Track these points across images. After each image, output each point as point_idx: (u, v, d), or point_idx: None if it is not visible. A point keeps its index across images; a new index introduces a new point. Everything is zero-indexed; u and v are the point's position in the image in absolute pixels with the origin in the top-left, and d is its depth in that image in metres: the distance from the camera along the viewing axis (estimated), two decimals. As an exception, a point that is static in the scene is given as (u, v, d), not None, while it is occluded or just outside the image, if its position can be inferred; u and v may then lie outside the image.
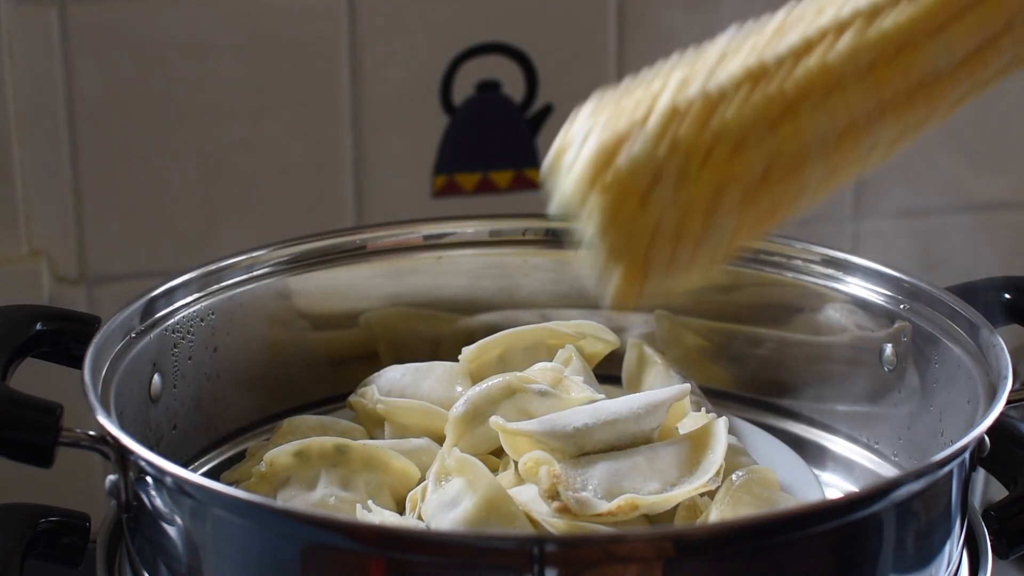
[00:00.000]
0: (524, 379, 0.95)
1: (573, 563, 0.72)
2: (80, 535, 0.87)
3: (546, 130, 1.25)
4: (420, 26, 1.20)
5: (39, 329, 0.94)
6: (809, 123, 0.72)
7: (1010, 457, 0.89)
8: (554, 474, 0.86)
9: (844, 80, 0.72)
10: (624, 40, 1.24)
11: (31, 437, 0.84)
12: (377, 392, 1.00)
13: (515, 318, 1.07)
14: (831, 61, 0.73)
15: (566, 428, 0.89)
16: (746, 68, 0.73)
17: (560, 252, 1.08)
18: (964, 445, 0.80)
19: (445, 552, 0.74)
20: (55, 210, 1.17)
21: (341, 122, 1.21)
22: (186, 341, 0.98)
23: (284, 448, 0.93)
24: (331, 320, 1.06)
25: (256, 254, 1.03)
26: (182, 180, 1.19)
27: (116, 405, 0.87)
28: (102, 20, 1.15)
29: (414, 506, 0.90)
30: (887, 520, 0.77)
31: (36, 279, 1.17)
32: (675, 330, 1.07)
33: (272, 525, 0.77)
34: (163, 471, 0.79)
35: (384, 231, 1.07)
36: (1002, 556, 0.87)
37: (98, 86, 1.16)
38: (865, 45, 0.73)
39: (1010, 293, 0.97)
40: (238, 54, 1.18)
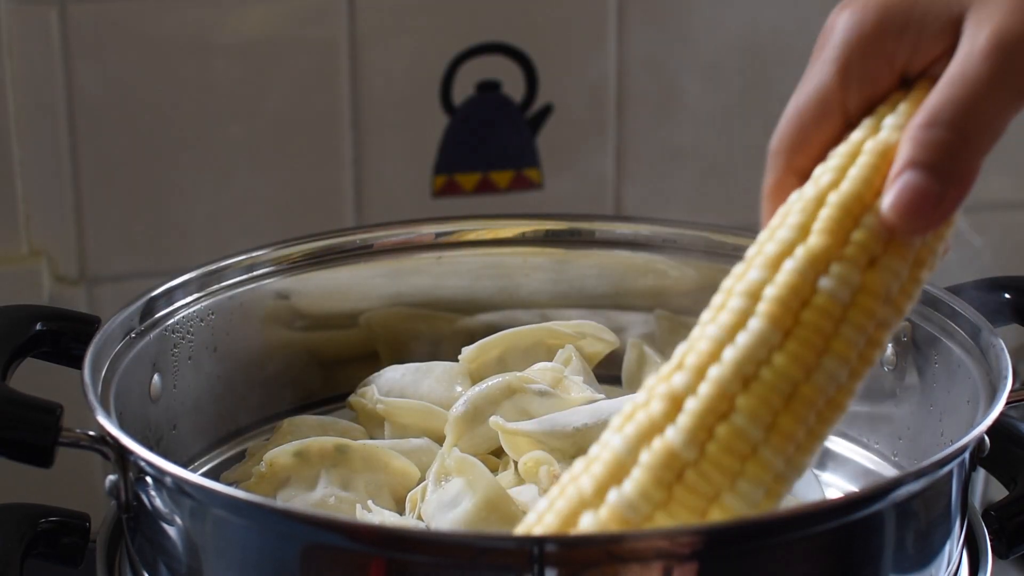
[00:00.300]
0: (524, 379, 0.95)
1: (573, 563, 0.72)
2: (80, 535, 0.87)
3: (546, 130, 1.25)
4: (420, 26, 1.20)
5: (39, 329, 0.94)
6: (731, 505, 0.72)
7: (1010, 457, 0.89)
8: (554, 474, 0.86)
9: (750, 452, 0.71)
10: (624, 41, 1.24)
11: (31, 437, 0.84)
12: (377, 392, 1.00)
13: (515, 318, 1.07)
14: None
15: (566, 428, 0.89)
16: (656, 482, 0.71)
17: (560, 252, 1.08)
18: (964, 445, 0.80)
19: (445, 552, 0.74)
20: (55, 210, 1.17)
21: (341, 122, 1.21)
22: (186, 341, 0.98)
23: (284, 448, 0.93)
24: (331, 320, 1.06)
25: (256, 254, 1.03)
26: (182, 180, 1.19)
27: (116, 405, 0.87)
28: (102, 20, 1.15)
29: (414, 506, 0.90)
30: (887, 520, 0.77)
31: (36, 279, 1.17)
32: (675, 330, 1.07)
33: (272, 525, 0.77)
34: (163, 471, 0.79)
35: (384, 231, 1.07)
36: (1002, 556, 0.87)
37: (98, 86, 1.16)
38: (760, 408, 0.70)
39: (1010, 293, 0.97)
40: (238, 54, 1.18)
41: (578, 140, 1.26)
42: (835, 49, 0.76)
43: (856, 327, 0.71)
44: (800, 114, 0.77)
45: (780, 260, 0.71)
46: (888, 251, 0.72)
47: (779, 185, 0.78)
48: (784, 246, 0.72)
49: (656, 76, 1.26)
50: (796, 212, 0.73)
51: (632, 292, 1.07)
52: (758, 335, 0.70)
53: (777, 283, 0.71)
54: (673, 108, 1.27)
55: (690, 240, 1.06)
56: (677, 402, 0.71)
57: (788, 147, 0.78)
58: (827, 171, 0.74)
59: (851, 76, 0.76)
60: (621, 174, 1.27)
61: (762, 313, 0.70)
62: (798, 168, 0.77)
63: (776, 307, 0.70)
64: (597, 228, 1.08)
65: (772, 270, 0.71)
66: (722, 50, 1.27)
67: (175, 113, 1.18)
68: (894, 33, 0.75)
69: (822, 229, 0.71)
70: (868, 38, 0.75)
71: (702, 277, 1.06)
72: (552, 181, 1.26)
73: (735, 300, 0.72)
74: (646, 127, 1.27)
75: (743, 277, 0.73)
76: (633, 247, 1.07)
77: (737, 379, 0.70)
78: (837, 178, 0.74)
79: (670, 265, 1.07)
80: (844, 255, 0.71)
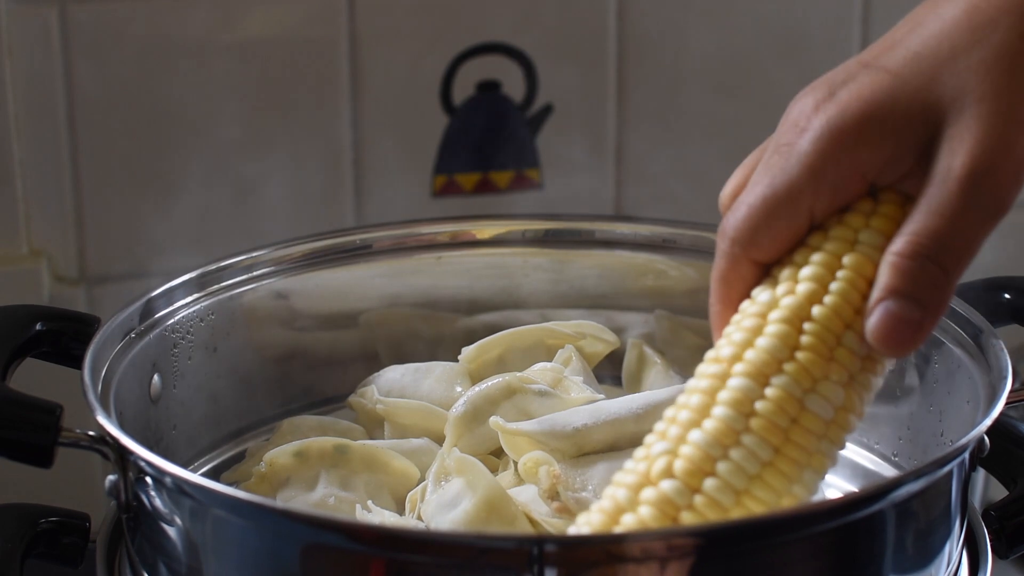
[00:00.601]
0: (524, 379, 0.95)
1: (573, 563, 0.72)
2: (80, 535, 0.87)
3: (546, 130, 1.25)
4: (420, 26, 1.20)
5: (39, 329, 0.94)
6: None
7: (1010, 457, 0.89)
8: (554, 474, 0.86)
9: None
10: (624, 40, 1.24)
11: (31, 437, 0.84)
12: (377, 392, 1.00)
13: (515, 318, 1.07)
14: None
15: (566, 428, 0.89)
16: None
17: (560, 252, 1.08)
18: (964, 445, 0.80)
19: (445, 552, 0.74)
20: (55, 210, 1.17)
21: (341, 122, 1.21)
22: (186, 341, 0.98)
23: (284, 448, 0.93)
24: (331, 320, 1.06)
25: (256, 254, 1.03)
26: (182, 180, 1.19)
27: (116, 405, 0.87)
28: (102, 20, 1.15)
29: (414, 506, 0.90)
30: (887, 520, 0.77)
31: (36, 279, 1.17)
32: (675, 330, 1.07)
33: (272, 525, 0.77)
34: (163, 471, 0.79)
35: (384, 231, 1.07)
36: (1002, 556, 0.87)
37: (98, 86, 1.16)
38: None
39: (1010, 293, 0.97)
40: (238, 54, 1.18)
41: (578, 140, 1.26)
42: (809, 152, 0.75)
43: (832, 441, 0.75)
44: (766, 208, 0.76)
45: (767, 373, 0.74)
46: (864, 369, 0.75)
47: (734, 272, 0.78)
48: (770, 356, 0.74)
49: (656, 76, 1.26)
50: (777, 321, 0.75)
51: (632, 292, 1.07)
52: (750, 454, 0.73)
53: (769, 398, 0.74)
54: (673, 108, 1.27)
55: (690, 240, 1.06)
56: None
57: (749, 239, 0.77)
58: (805, 280, 0.76)
59: (823, 182, 0.76)
60: (621, 174, 1.27)
61: (755, 429, 0.74)
62: (755, 259, 0.78)
63: (767, 423, 0.73)
64: (597, 228, 1.08)
65: (761, 383, 0.74)
66: (722, 50, 1.27)
67: (175, 113, 1.18)
68: (871, 145, 0.75)
69: (810, 346, 0.74)
70: (844, 146, 0.75)
71: (702, 277, 1.06)
72: (552, 181, 1.26)
73: (722, 409, 0.74)
74: (646, 127, 1.27)
75: (726, 380, 0.75)
76: (633, 247, 1.07)
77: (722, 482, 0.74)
78: (817, 291, 0.75)
79: (670, 265, 1.07)
80: (830, 375, 0.74)
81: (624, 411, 0.90)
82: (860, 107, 0.75)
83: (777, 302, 0.76)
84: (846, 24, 1.28)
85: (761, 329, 0.76)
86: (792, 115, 0.77)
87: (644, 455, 0.75)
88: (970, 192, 0.73)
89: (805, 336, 0.75)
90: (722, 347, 0.77)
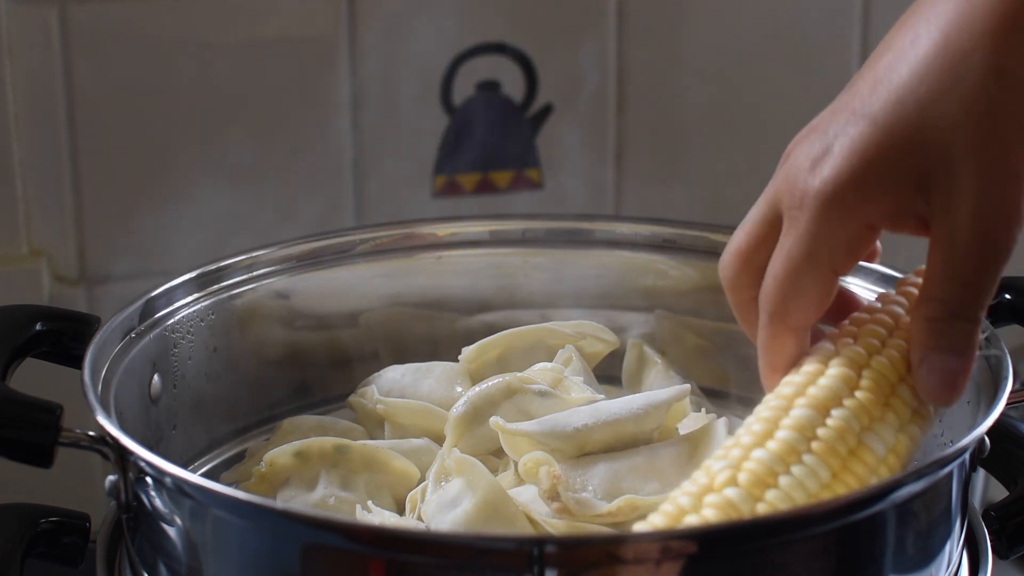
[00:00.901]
0: (524, 379, 0.95)
1: (573, 564, 0.72)
2: (80, 535, 0.87)
3: (546, 130, 1.25)
4: (420, 26, 1.20)
5: (39, 329, 0.94)
6: None
7: (1010, 457, 0.89)
8: (554, 475, 0.86)
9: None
10: (624, 40, 1.24)
11: (31, 437, 0.84)
12: (377, 392, 1.00)
13: (515, 318, 1.07)
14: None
15: (566, 428, 0.89)
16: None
17: (560, 252, 1.08)
18: (964, 446, 0.80)
19: (445, 553, 0.74)
20: (55, 210, 1.17)
21: (341, 122, 1.21)
22: (186, 341, 0.98)
23: (284, 448, 0.93)
24: (331, 320, 1.06)
25: (256, 254, 1.03)
26: (182, 180, 1.19)
27: (116, 405, 0.87)
28: (102, 20, 1.15)
29: (414, 507, 0.89)
30: (887, 520, 0.77)
31: (36, 279, 1.17)
32: (675, 330, 1.07)
33: (272, 525, 0.77)
34: (163, 471, 0.79)
35: (384, 231, 1.07)
36: (1002, 556, 0.87)
37: (98, 86, 1.16)
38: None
39: (1010, 293, 0.97)
40: (238, 54, 1.18)
41: (578, 140, 1.26)
42: (815, 219, 0.78)
43: (880, 479, 0.79)
44: (791, 279, 0.79)
45: (828, 406, 0.78)
46: (912, 420, 0.80)
47: (776, 342, 0.81)
48: (832, 393, 0.78)
49: (656, 76, 1.26)
50: (839, 365, 0.80)
51: (632, 292, 1.07)
52: (811, 472, 0.76)
53: (830, 427, 0.77)
54: (673, 108, 1.27)
55: (690, 240, 1.06)
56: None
57: (782, 310, 0.80)
58: (864, 335, 0.81)
59: (837, 243, 0.79)
60: (621, 174, 1.27)
61: (816, 451, 0.77)
62: (793, 327, 0.81)
63: (828, 447, 0.77)
64: (597, 228, 1.08)
65: (822, 413, 0.78)
66: (722, 50, 1.27)
67: (175, 113, 1.18)
68: (872, 201, 0.78)
69: (869, 388, 0.79)
70: (848, 208, 0.78)
71: (702, 277, 1.06)
72: (552, 181, 1.26)
73: (785, 432, 0.77)
74: (646, 127, 1.27)
75: (788, 411, 0.78)
76: (633, 247, 1.07)
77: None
78: (875, 345, 0.81)
79: (670, 265, 1.07)
80: (885, 417, 0.79)
81: (624, 411, 0.90)
82: (854, 166, 0.77)
83: (838, 352, 0.80)
84: (846, 24, 1.28)
85: (822, 372, 0.80)
86: (790, 172, 0.80)
87: (705, 471, 0.77)
88: (979, 252, 0.76)
89: (864, 379, 0.79)
90: (783, 386, 0.80)
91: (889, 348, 0.81)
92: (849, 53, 1.28)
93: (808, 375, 0.80)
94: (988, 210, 0.76)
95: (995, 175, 0.76)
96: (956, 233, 0.76)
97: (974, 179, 0.76)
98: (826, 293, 0.80)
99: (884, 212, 0.78)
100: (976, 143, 0.76)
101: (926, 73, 0.77)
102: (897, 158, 0.77)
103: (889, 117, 0.77)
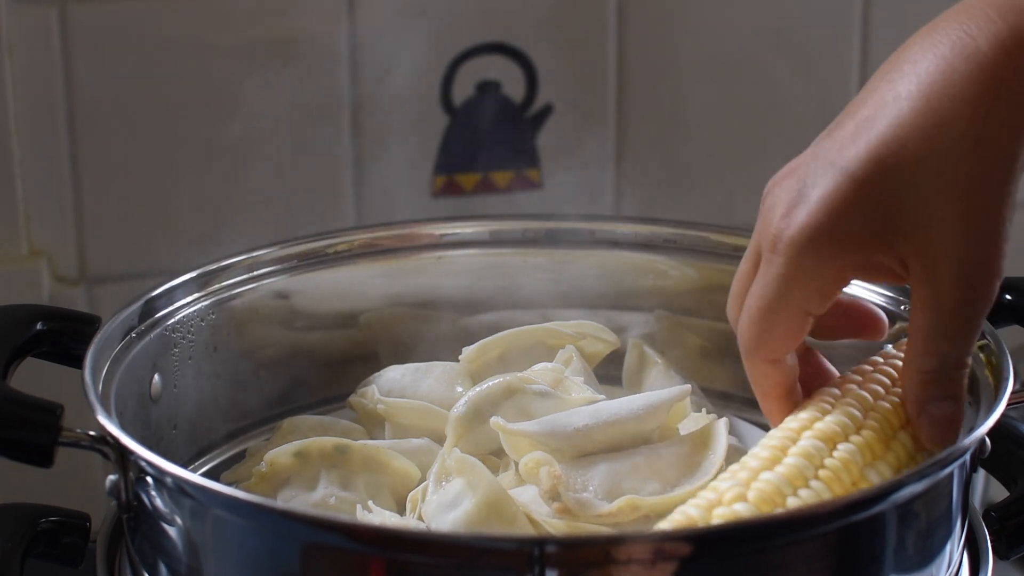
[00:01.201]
0: (524, 379, 0.94)
1: (573, 564, 0.72)
2: (80, 535, 0.87)
3: (546, 130, 1.25)
4: (420, 26, 1.20)
5: (39, 329, 0.94)
6: None
7: (1010, 457, 0.89)
8: (555, 475, 0.86)
9: None
10: (624, 40, 1.24)
11: (31, 437, 0.84)
12: (377, 392, 1.00)
13: (515, 318, 1.07)
14: None
15: (566, 429, 0.89)
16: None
17: (560, 252, 1.08)
18: (965, 446, 0.80)
19: (445, 553, 0.74)
20: (55, 210, 1.17)
21: (341, 122, 1.21)
22: (186, 341, 0.98)
23: (284, 448, 0.93)
24: (331, 320, 1.06)
25: (256, 254, 1.03)
26: (182, 180, 1.19)
27: (116, 405, 0.87)
28: (102, 20, 1.15)
29: (414, 506, 0.89)
30: (888, 521, 0.77)
31: (36, 279, 1.17)
32: (675, 330, 1.07)
33: (272, 525, 0.77)
34: (163, 471, 0.79)
35: (384, 231, 1.07)
36: (1002, 557, 0.87)
37: (98, 86, 1.16)
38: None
39: (1010, 293, 0.97)
40: (238, 54, 1.17)
41: (578, 140, 1.26)
42: (787, 265, 0.80)
43: None
44: (764, 318, 0.82)
45: (835, 440, 0.81)
46: (909, 465, 0.82)
47: (758, 372, 0.84)
48: (840, 428, 0.81)
49: (656, 76, 1.26)
50: (847, 404, 0.83)
51: (632, 292, 1.07)
52: (817, 497, 0.78)
53: (837, 458, 0.80)
54: (673, 108, 1.27)
55: (690, 240, 1.06)
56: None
57: (755, 344, 0.83)
58: (870, 381, 0.84)
59: (809, 288, 0.81)
60: (621, 174, 1.27)
61: (823, 478, 0.79)
62: (767, 359, 0.83)
63: (834, 476, 0.79)
64: (597, 228, 1.08)
65: (829, 446, 0.80)
66: (722, 50, 1.27)
67: (175, 113, 1.18)
68: (844, 253, 0.79)
69: (873, 428, 0.82)
70: (819, 259, 0.80)
71: (702, 277, 1.06)
72: (552, 181, 1.26)
73: (793, 459, 0.79)
74: (646, 127, 1.27)
75: (796, 441, 0.81)
76: (633, 247, 1.07)
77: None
78: (880, 392, 0.84)
79: (670, 265, 1.07)
80: (886, 458, 0.81)
81: (625, 411, 0.90)
82: (828, 216, 0.78)
83: (846, 394, 0.84)
84: (846, 24, 1.28)
85: (828, 411, 0.82)
86: (766, 214, 0.81)
87: (713, 490, 0.78)
88: (964, 312, 0.79)
89: (870, 420, 0.82)
90: (789, 421, 0.82)
91: (891, 395, 0.84)
92: (849, 53, 1.28)
93: (813, 413, 0.82)
94: (972, 272, 0.78)
95: (977, 241, 0.77)
96: (941, 296, 0.78)
97: (957, 246, 0.77)
98: (798, 330, 0.82)
99: (855, 264, 0.80)
100: (957, 212, 0.77)
101: (907, 138, 0.78)
102: (871, 215, 0.78)
103: (868, 176, 0.78)
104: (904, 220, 0.78)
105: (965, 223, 0.77)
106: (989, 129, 0.77)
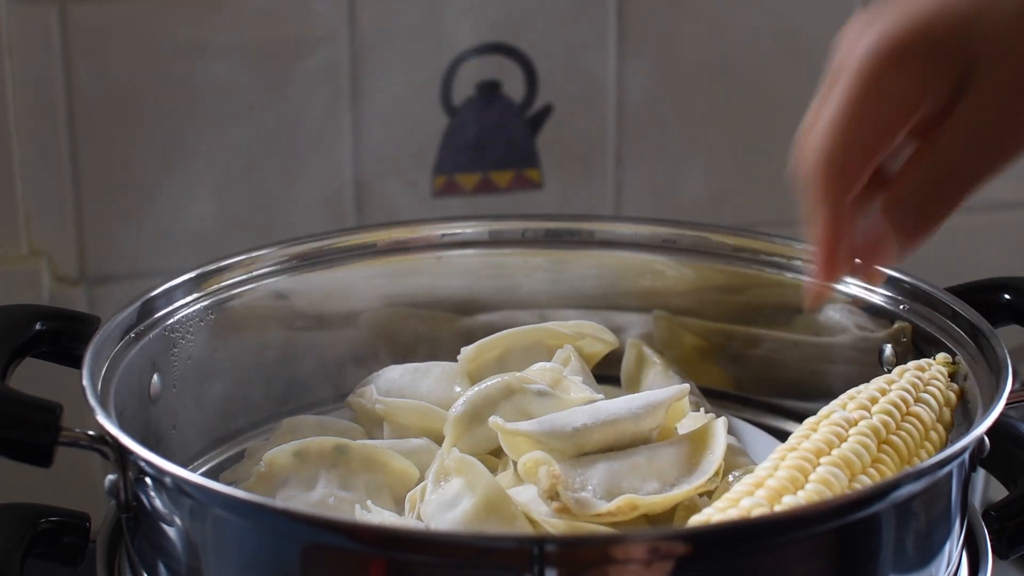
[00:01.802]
0: (523, 379, 0.95)
1: (573, 563, 0.72)
2: (80, 535, 0.87)
3: (546, 130, 1.25)
4: (420, 26, 1.20)
5: (39, 329, 0.94)
6: None
7: (1010, 457, 0.89)
8: (554, 474, 0.86)
9: None
10: (624, 40, 1.24)
11: (31, 437, 0.84)
12: (376, 392, 1.00)
13: (514, 318, 1.07)
14: None
15: (565, 428, 0.89)
16: None
17: (560, 252, 1.08)
18: (964, 445, 0.80)
19: (445, 552, 0.74)
20: (55, 210, 1.17)
21: (341, 122, 1.21)
22: (186, 341, 0.98)
23: (283, 448, 0.93)
24: (331, 320, 1.06)
25: (256, 254, 1.03)
26: (182, 180, 1.19)
27: (116, 405, 0.87)
28: (102, 20, 1.15)
29: (413, 506, 0.89)
30: (887, 520, 0.77)
31: (36, 279, 1.17)
32: (674, 330, 1.07)
33: (272, 525, 0.77)
34: (163, 471, 0.79)
35: (384, 231, 1.07)
36: (1002, 556, 0.87)
37: (98, 86, 1.16)
38: None
39: (1010, 293, 0.97)
40: (238, 54, 1.17)
41: (578, 140, 1.26)
42: (863, 62, 0.80)
43: None
44: (840, 127, 0.81)
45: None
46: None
47: (824, 209, 0.82)
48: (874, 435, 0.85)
49: (656, 76, 1.26)
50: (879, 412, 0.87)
51: (631, 292, 1.07)
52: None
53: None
54: (673, 108, 1.27)
55: (690, 240, 1.06)
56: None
57: (828, 160, 0.82)
58: (897, 389, 0.89)
59: (883, 92, 0.80)
60: (621, 174, 1.27)
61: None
62: (839, 188, 0.82)
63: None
64: (597, 228, 1.08)
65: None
66: (722, 50, 1.26)
67: (175, 113, 1.18)
68: (913, 61, 0.80)
69: (908, 430, 0.86)
70: (899, 58, 0.80)
71: (701, 277, 1.06)
72: (552, 181, 1.26)
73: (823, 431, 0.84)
74: (646, 127, 1.27)
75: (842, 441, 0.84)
76: (633, 247, 1.07)
77: None
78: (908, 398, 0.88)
79: (669, 265, 1.07)
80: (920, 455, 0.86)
81: (623, 411, 0.90)
82: (903, 29, 0.80)
83: (876, 400, 0.87)
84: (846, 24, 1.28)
85: (873, 404, 0.87)
86: (843, 40, 0.83)
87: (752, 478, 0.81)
88: (1000, 130, 0.81)
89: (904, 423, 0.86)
90: (835, 410, 0.86)
91: (923, 399, 0.88)
92: (849, 53, 1.28)
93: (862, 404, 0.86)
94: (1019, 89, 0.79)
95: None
96: (986, 107, 0.80)
97: (1014, 67, 0.79)
98: (872, 151, 0.81)
99: (921, 75, 0.80)
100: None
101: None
102: (943, 36, 0.79)
103: (939, 6, 0.80)
104: (972, 44, 0.79)
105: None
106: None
